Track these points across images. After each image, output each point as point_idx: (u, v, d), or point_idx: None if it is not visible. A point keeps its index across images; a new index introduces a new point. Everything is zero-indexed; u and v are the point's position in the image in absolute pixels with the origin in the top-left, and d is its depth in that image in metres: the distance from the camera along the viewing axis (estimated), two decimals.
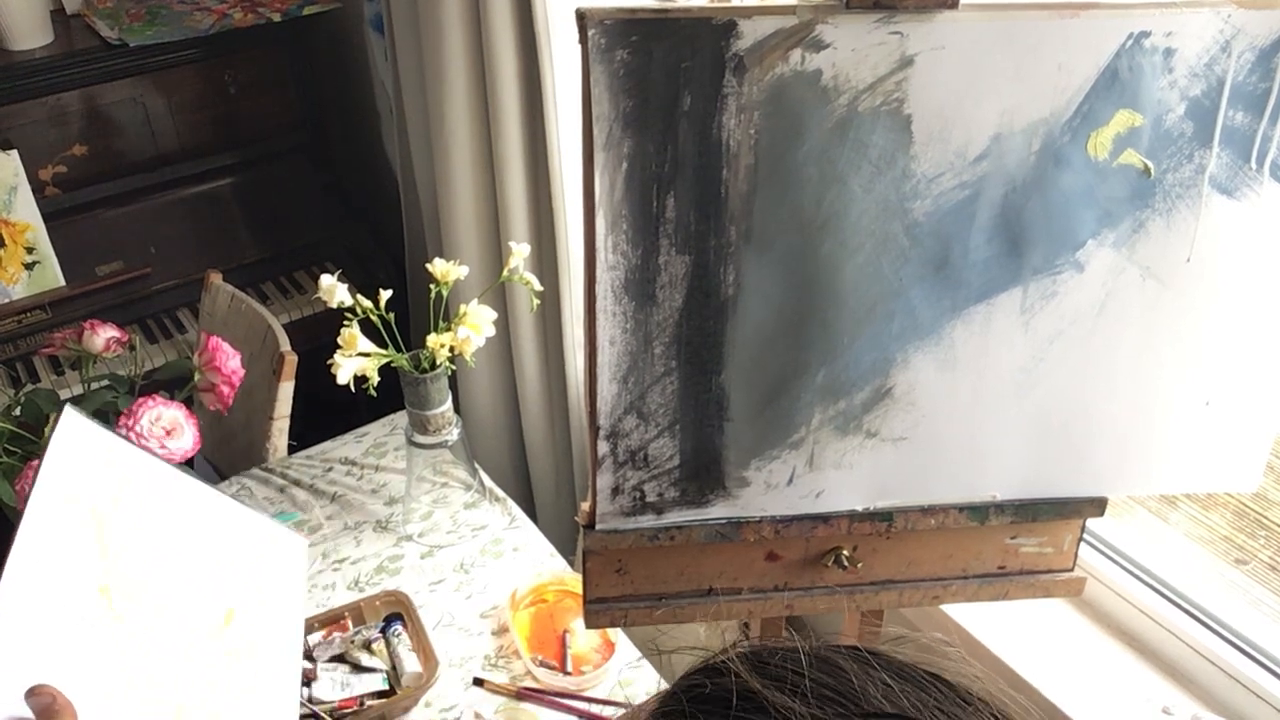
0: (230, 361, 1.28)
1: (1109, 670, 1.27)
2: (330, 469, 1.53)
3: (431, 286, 1.30)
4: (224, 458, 1.78)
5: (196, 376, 1.29)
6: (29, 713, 0.62)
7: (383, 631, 1.23)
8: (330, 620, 1.26)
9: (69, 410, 0.76)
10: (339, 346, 1.23)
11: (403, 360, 1.28)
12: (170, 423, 1.20)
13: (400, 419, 1.60)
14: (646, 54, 0.76)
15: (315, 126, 2.23)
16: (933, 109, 0.80)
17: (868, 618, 1.12)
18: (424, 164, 1.89)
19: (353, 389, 1.24)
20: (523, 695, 1.19)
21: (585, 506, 0.96)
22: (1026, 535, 1.02)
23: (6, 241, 1.85)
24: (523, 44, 1.53)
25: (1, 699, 0.61)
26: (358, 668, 1.19)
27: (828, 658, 0.42)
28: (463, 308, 1.29)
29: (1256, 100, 0.82)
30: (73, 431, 0.76)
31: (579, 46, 0.76)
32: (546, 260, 1.69)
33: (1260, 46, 0.81)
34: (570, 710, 1.18)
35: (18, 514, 1.09)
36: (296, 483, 1.50)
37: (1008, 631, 1.32)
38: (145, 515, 0.80)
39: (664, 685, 1.21)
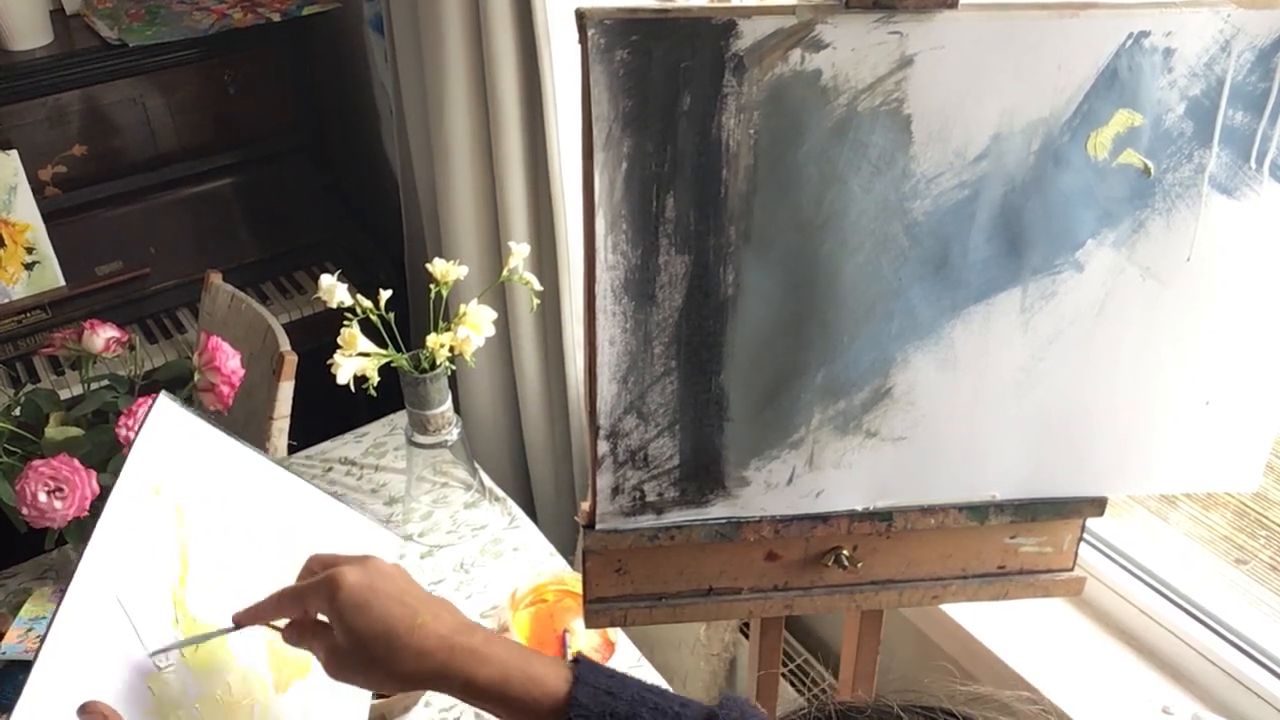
0: (230, 361, 1.28)
1: (1109, 670, 1.26)
2: (330, 469, 1.53)
3: (431, 286, 1.30)
4: None
5: (196, 376, 1.29)
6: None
7: None
8: None
9: (164, 398, 0.72)
10: (339, 346, 1.23)
11: (402, 360, 1.28)
12: None
13: (400, 419, 1.60)
14: (646, 54, 0.76)
15: (315, 126, 2.23)
16: (932, 109, 0.80)
17: (868, 618, 1.12)
18: (424, 164, 1.89)
19: (353, 389, 1.24)
20: None
21: (585, 506, 0.96)
22: (1026, 535, 1.02)
23: (6, 241, 1.85)
24: (523, 44, 1.53)
25: (60, 705, 0.60)
26: None
27: None
28: (462, 308, 1.29)
29: (1256, 100, 0.83)
30: (166, 419, 0.72)
31: (579, 46, 0.76)
32: (546, 260, 1.69)
33: (1260, 46, 0.81)
34: None
35: (16, 513, 1.10)
36: None
37: (1008, 631, 1.31)
38: (231, 511, 0.77)
39: (665, 685, 1.21)
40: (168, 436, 0.73)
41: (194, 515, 0.73)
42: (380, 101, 2.27)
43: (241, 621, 0.73)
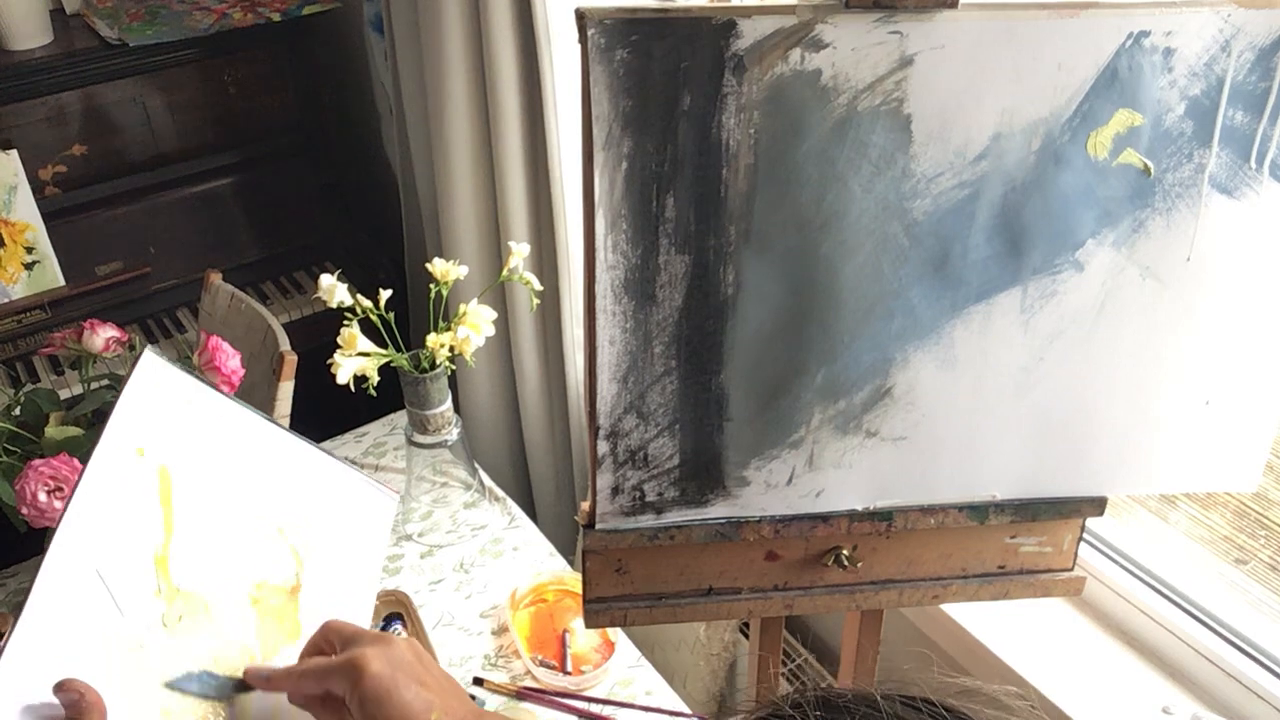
0: (230, 361, 1.28)
1: (1109, 670, 1.27)
2: None
3: (431, 286, 1.30)
4: None
5: (196, 376, 1.29)
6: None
7: (382, 631, 1.23)
8: None
9: (149, 353, 0.69)
10: (339, 346, 1.23)
11: (402, 360, 1.28)
12: None
13: (400, 419, 1.60)
14: (646, 54, 0.76)
15: (315, 126, 2.23)
16: (932, 108, 0.80)
17: (868, 618, 1.12)
18: (424, 164, 1.89)
19: (352, 389, 1.24)
20: (523, 695, 1.19)
21: (585, 506, 0.96)
22: (1026, 535, 1.02)
23: (6, 241, 1.85)
24: (523, 44, 1.53)
25: (37, 684, 0.58)
26: None
27: (902, 717, 0.41)
28: (462, 307, 1.29)
29: (1256, 100, 0.82)
30: (151, 376, 0.69)
31: (579, 46, 0.76)
32: (546, 260, 1.69)
33: (1260, 46, 0.81)
34: (570, 710, 1.18)
35: (16, 513, 1.10)
36: None
37: (1008, 631, 1.32)
38: (221, 472, 0.74)
39: (665, 685, 1.21)
40: (154, 394, 0.70)
41: (180, 477, 0.70)
42: (380, 101, 2.27)
43: (255, 684, 0.73)
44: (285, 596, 0.79)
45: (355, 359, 1.23)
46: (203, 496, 0.72)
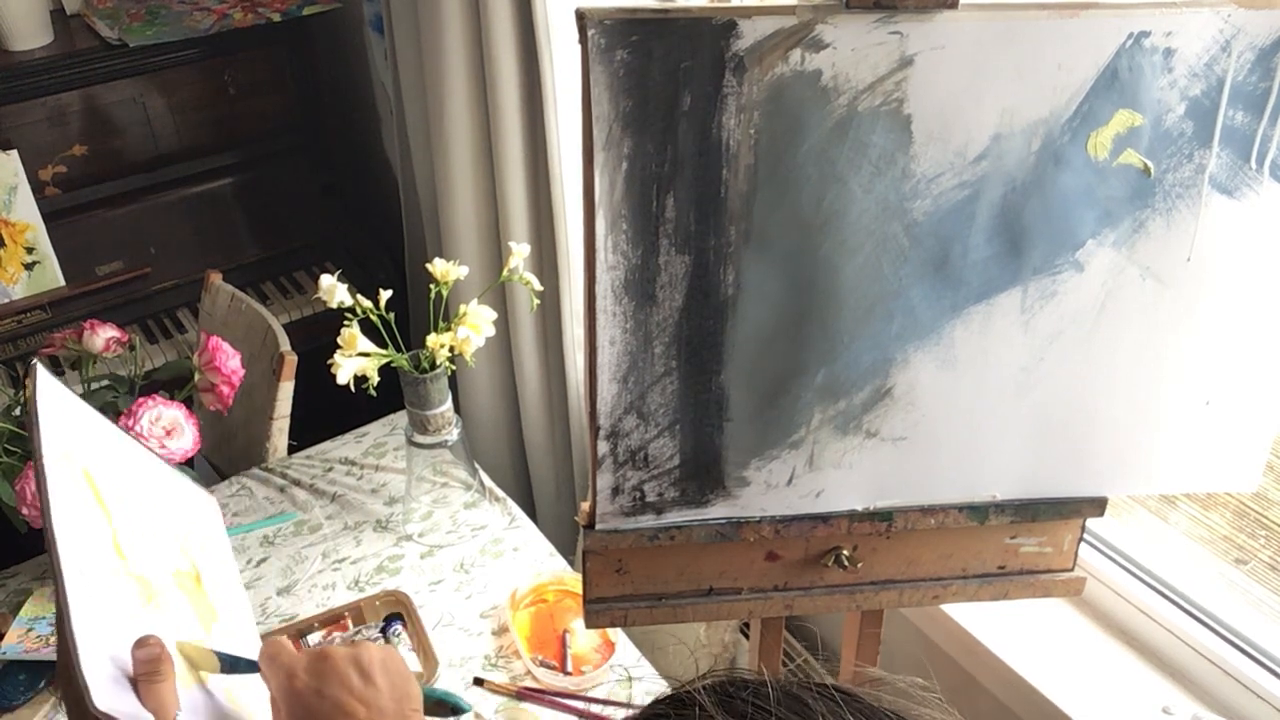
0: (230, 361, 1.28)
1: (1109, 670, 1.27)
2: (330, 469, 1.53)
3: (431, 286, 1.30)
4: (224, 458, 1.78)
5: (196, 376, 1.29)
6: (127, 666, 0.62)
7: (383, 631, 1.23)
8: (330, 620, 1.26)
9: (39, 367, 0.73)
10: (339, 346, 1.23)
11: (403, 360, 1.28)
12: (170, 423, 1.20)
13: (400, 419, 1.60)
14: (646, 54, 0.76)
15: (315, 127, 2.23)
16: (932, 109, 0.80)
17: (868, 618, 1.12)
18: (424, 164, 1.89)
19: (353, 389, 1.24)
20: (523, 695, 1.19)
21: (585, 506, 0.96)
22: (1026, 535, 1.02)
23: (6, 241, 1.85)
24: (523, 44, 1.53)
25: (105, 650, 0.61)
26: None
27: (798, 695, 0.42)
28: (462, 308, 1.29)
29: (1256, 100, 0.83)
30: (48, 387, 0.73)
31: (579, 46, 0.76)
32: (546, 260, 1.69)
33: (1260, 46, 0.81)
34: (570, 710, 1.18)
35: (16, 513, 1.10)
36: (296, 483, 1.50)
37: (1008, 631, 1.31)
38: (116, 472, 0.78)
39: (665, 685, 1.21)
40: (55, 403, 0.73)
41: (98, 474, 0.74)
42: (380, 101, 2.27)
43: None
44: (195, 582, 0.81)
45: (355, 359, 1.23)
46: (117, 494, 0.76)
